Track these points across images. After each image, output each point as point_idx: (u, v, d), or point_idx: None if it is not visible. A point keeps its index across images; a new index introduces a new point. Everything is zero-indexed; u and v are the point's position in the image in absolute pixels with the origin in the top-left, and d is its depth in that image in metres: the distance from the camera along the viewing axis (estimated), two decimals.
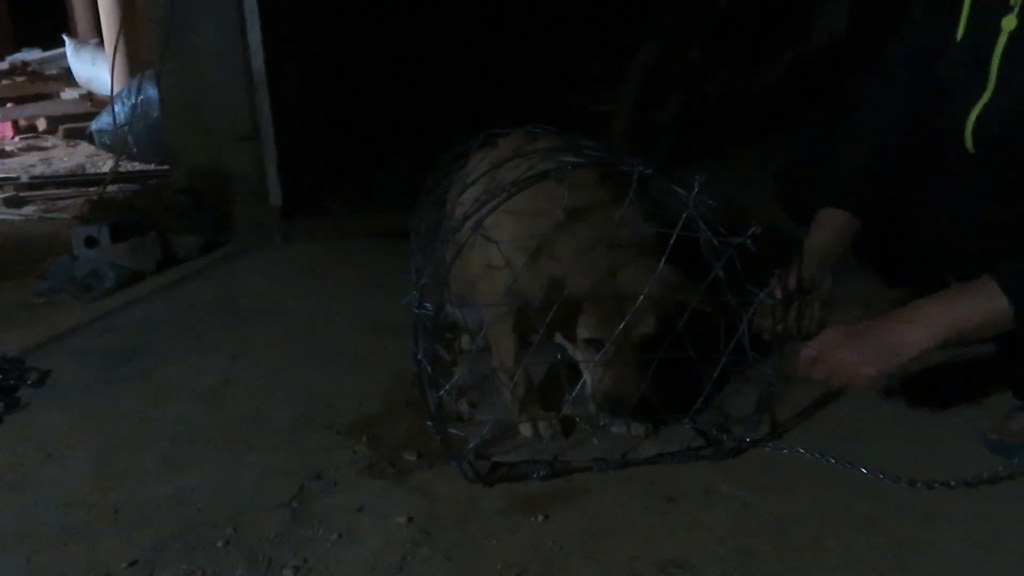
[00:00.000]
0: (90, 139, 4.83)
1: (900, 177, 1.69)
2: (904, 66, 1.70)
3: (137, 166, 4.43)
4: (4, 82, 6.46)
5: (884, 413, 1.74)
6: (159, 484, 1.56)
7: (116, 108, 4.42)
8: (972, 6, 1.51)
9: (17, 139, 5.32)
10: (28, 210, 3.78)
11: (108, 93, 4.45)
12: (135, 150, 4.35)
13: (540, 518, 1.44)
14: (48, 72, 6.77)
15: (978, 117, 1.51)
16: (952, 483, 1.47)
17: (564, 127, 1.94)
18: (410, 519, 1.44)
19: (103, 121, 4.64)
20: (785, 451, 1.61)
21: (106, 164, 4.44)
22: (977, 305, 1.34)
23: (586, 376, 1.61)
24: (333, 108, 3.53)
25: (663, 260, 1.50)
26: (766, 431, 1.67)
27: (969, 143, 1.54)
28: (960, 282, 1.40)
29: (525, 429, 1.66)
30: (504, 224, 1.60)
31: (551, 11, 4.74)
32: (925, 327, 1.37)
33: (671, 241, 1.48)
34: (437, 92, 4.18)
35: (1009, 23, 1.44)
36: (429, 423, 1.53)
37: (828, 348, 1.46)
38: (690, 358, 1.56)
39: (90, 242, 2.65)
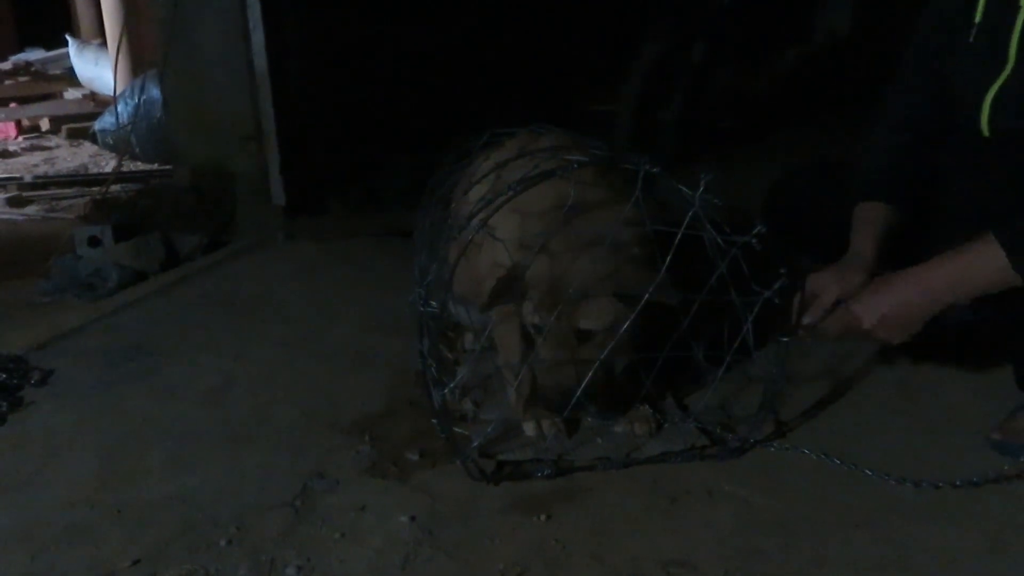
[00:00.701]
0: (93, 139, 4.82)
1: (932, 169, 1.68)
2: (926, 56, 1.68)
3: (140, 166, 4.42)
4: (7, 82, 6.47)
5: (888, 412, 1.73)
6: (162, 483, 1.56)
7: (119, 108, 4.42)
8: None
9: (20, 139, 5.31)
10: (31, 210, 3.77)
11: (111, 93, 4.45)
12: (138, 150, 4.34)
13: (543, 517, 1.44)
14: (51, 72, 6.78)
15: (995, 97, 1.51)
16: (958, 483, 1.46)
17: (566, 127, 1.94)
18: (413, 518, 1.44)
19: (106, 121, 4.63)
20: (789, 451, 1.60)
21: (109, 164, 4.44)
22: (982, 265, 1.40)
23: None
24: (336, 107, 3.52)
25: (666, 261, 1.49)
26: (770, 431, 1.67)
27: (984, 125, 1.55)
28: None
29: (529, 428, 1.66)
30: (509, 222, 1.59)
31: (553, 10, 4.74)
32: (937, 292, 1.44)
33: (676, 240, 1.47)
34: (440, 92, 4.18)
35: None
36: (434, 421, 1.53)
37: (854, 327, 1.52)
38: (692, 356, 1.56)
39: (93, 242, 2.65)
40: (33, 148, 5.08)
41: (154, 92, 4.06)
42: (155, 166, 4.35)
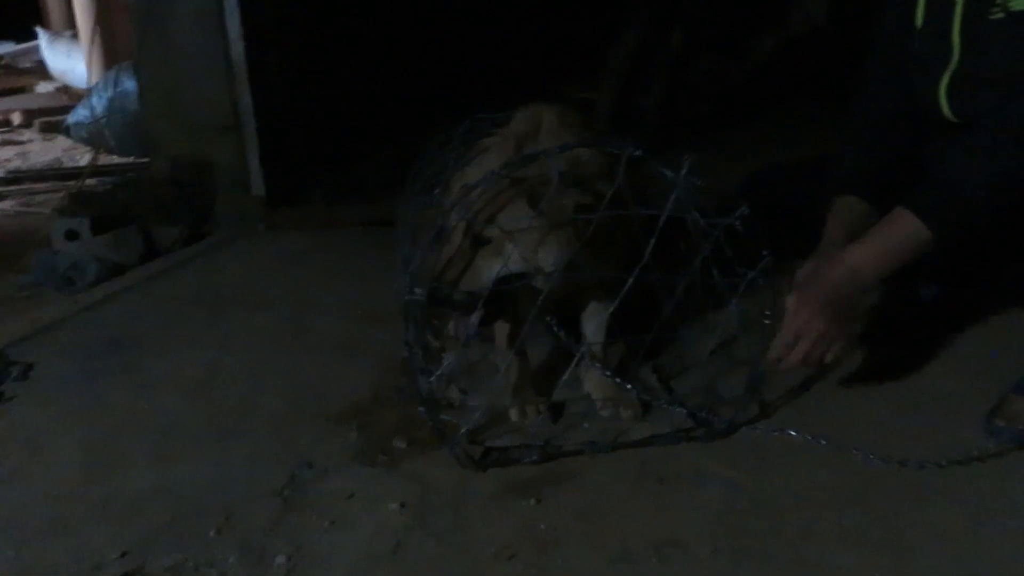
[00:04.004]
0: (67, 132, 4.76)
1: (908, 163, 1.74)
2: (888, 54, 1.78)
3: (116, 159, 4.37)
4: None
5: (872, 392, 1.75)
6: (148, 475, 1.55)
7: (93, 101, 4.36)
8: None
9: None
10: (6, 205, 3.72)
11: (84, 86, 4.40)
12: (113, 143, 4.29)
13: (532, 501, 1.44)
14: (22, 66, 6.68)
15: (948, 84, 1.61)
16: (943, 463, 1.48)
17: None
18: (402, 505, 1.44)
19: (80, 114, 4.56)
20: (775, 432, 1.61)
21: (83, 158, 4.38)
22: (902, 239, 1.52)
23: None
24: (316, 96, 3.50)
25: (650, 245, 1.49)
26: (755, 412, 1.68)
27: (947, 112, 1.64)
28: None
29: (514, 413, 1.66)
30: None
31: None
32: (862, 271, 1.54)
33: (660, 222, 1.48)
34: (421, 79, 4.16)
35: None
36: (421, 409, 1.53)
37: (808, 325, 1.53)
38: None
39: (71, 235, 2.62)
40: (5, 143, 5.01)
41: (128, 84, 4.01)
42: (131, 159, 4.30)
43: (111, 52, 5.07)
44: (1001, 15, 1.49)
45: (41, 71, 6.30)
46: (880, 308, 1.96)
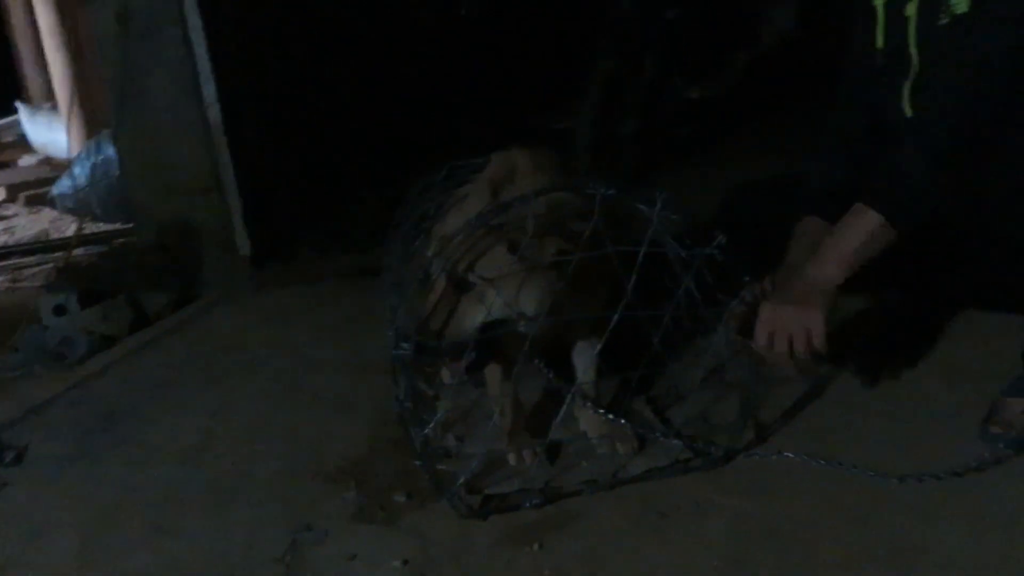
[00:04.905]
0: (52, 204, 4.77)
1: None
2: (855, 77, 1.83)
3: (102, 226, 4.38)
4: None
5: (865, 408, 1.75)
6: (147, 552, 1.54)
7: (76, 170, 4.38)
8: (885, 11, 1.69)
9: None
10: None
11: (66, 156, 4.42)
12: (98, 211, 4.30)
13: (535, 547, 1.43)
14: (4, 140, 6.71)
15: (911, 92, 1.67)
16: (941, 475, 1.48)
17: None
18: (404, 562, 1.43)
19: (64, 185, 4.58)
20: (773, 456, 1.61)
21: (70, 228, 4.39)
22: (856, 227, 1.56)
23: None
24: (296, 151, 3.52)
25: (631, 280, 1.49)
26: (751, 437, 1.68)
27: (908, 109, 1.69)
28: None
29: (511, 458, 1.66)
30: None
31: (506, 35, 4.80)
32: (828, 267, 1.57)
33: (639, 258, 1.49)
34: (400, 123, 4.20)
35: (910, 9, 1.63)
36: (417, 462, 1.52)
37: (776, 316, 1.56)
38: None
39: (59, 310, 2.61)
40: None
41: (110, 151, 4.02)
42: (117, 225, 4.31)
43: (91, 121, 5.11)
44: (947, 20, 1.58)
45: (23, 145, 6.33)
46: (858, 320, 1.97)
